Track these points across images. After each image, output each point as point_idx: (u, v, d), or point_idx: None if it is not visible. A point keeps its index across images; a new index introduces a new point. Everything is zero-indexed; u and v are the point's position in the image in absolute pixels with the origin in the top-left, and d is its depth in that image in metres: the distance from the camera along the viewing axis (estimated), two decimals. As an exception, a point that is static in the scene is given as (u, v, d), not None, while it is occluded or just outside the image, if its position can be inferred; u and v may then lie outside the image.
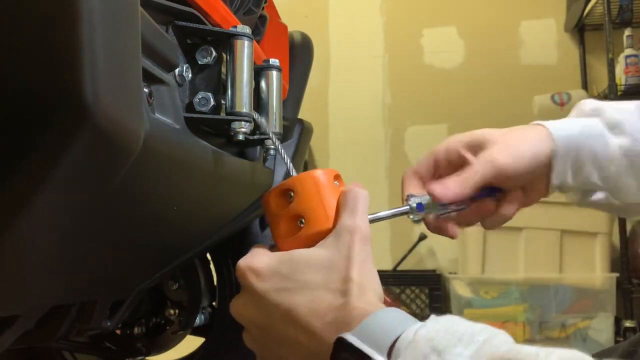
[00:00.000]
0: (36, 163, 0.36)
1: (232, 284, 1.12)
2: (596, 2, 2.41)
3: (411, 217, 0.60)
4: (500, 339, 0.36)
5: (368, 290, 0.44)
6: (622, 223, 2.26)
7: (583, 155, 0.61)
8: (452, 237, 0.63)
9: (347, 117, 2.87)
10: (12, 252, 0.43)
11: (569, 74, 2.71)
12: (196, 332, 1.16)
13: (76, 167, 0.37)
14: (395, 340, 0.38)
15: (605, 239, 2.24)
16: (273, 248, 0.51)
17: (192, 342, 1.18)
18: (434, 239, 2.65)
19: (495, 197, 0.63)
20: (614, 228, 2.28)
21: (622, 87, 2.37)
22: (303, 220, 0.49)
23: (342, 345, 0.40)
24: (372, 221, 0.51)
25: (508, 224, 0.70)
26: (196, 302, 1.10)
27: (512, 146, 0.60)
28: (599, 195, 0.65)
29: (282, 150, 0.60)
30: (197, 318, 1.10)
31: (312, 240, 0.48)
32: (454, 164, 0.62)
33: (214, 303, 1.16)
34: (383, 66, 2.89)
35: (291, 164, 0.57)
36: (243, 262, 0.48)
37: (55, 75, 0.33)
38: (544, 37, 2.76)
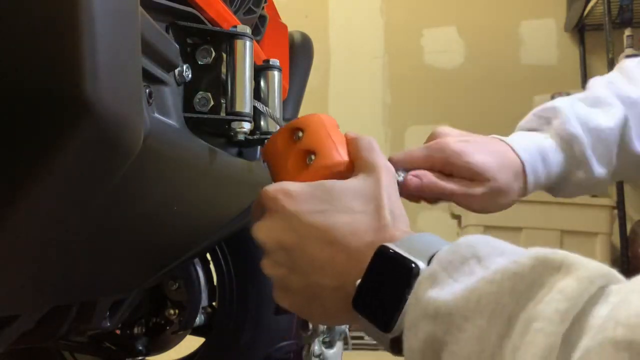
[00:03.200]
0: (37, 162, 0.36)
1: (232, 284, 1.12)
2: (596, 2, 2.41)
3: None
4: (534, 251, 0.36)
5: (401, 219, 0.45)
6: (622, 223, 2.26)
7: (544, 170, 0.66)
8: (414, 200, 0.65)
9: (347, 117, 2.86)
10: (12, 252, 0.43)
11: (569, 74, 2.71)
12: (196, 332, 1.16)
13: (76, 166, 0.37)
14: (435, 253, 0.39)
15: (605, 239, 2.24)
16: None
17: (192, 342, 1.18)
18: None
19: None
20: (614, 228, 2.28)
21: (622, 87, 2.37)
22: (313, 156, 0.50)
23: (382, 252, 0.40)
24: None
25: (508, 224, 0.72)
26: (196, 302, 1.10)
27: (465, 140, 0.63)
28: (579, 175, 0.68)
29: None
30: (197, 318, 1.10)
31: (324, 174, 0.49)
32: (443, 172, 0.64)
33: (214, 303, 1.16)
34: (383, 66, 2.89)
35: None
36: (273, 187, 0.47)
37: (56, 75, 0.33)
38: (544, 37, 2.76)
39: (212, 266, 1.16)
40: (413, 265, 0.38)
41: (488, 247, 0.37)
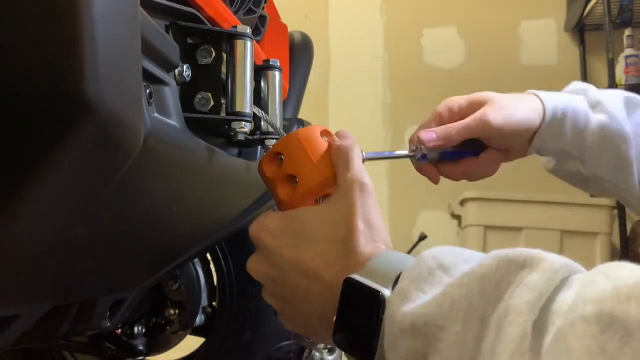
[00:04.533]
0: (37, 162, 0.36)
1: (232, 284, 1.12)
2: (596, 2, 2.41)
3: (412, 155, 0.68)
4: (497, 253, 0.37)
5: (374, 236, 0.45)
6: (622, 223, 2.26)
7: (566, 124, 0.69)
8: (433, 181, 0.72)
9: (347, 117, 2.86)
10: (13, 251, 0.43)
11: (569, 74, 2.71)
12: (196, 332, 1.16)
13: (77, 166, 0.37)
14: (400, 273, 0.40)
15: (605, 239, 2.24)
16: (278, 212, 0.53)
17: (192, 342, 1.18)
18: (434, 239, 2.65)
19: (477, 155, 0.70)
20: (614, 228, 2.28)
21: (622, 87, 2.37)
22: (297, 179, 0.50)
23: (349, 285, 0.41)
24: (371, 159, 0.56)
25: (508, 224, 0.75)
26: (196, 302, 1.10)
27: (506, 109, 0.67)
28: (571, 164, 0.73)
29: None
30: (197, 318, 1.10)
31: (310, 196, 0.49)
32: (455, 118, 0.70)
33: (214, 303, 1.16)
34: (383, 66, 2.89)
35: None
36: (255, 224, 0.49)
37: (57, 75, 0.33)
38: (544, 37, 2.76)
39: (212, 266, 1.16)
40: (379, 293, 0.39)
41: (452, 256, 0.38)
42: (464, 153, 0.69)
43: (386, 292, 0.39)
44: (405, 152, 0.69)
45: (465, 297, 0.34)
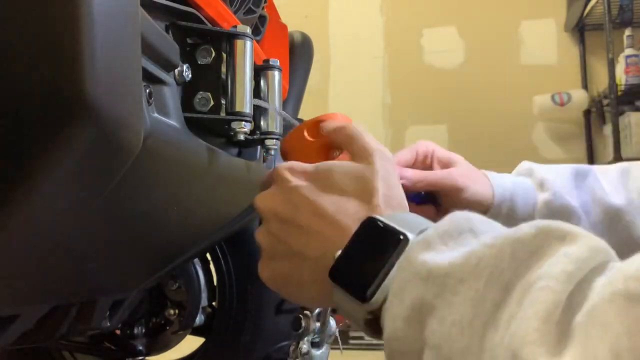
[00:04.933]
0: (37, 162, 0.36)
1: (232, 284, 1.12)
2: (596, 2, 2.41)
3: None
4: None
5: (393, 201, 0.45)
6: (622, 223, 2.25)
7: (515, 205, 0.72)
8: None
9: (347, 117, 2.86)
10: (13, 252, 0.43)
11: (569, 73, 2.71)
12: (196, 332, 1.16)
13: (76, 166, 0.37)
14: (427, 228, 0.38)
15: (605, 239, 2.23)
16: None
17: (192, 342, 1.18)
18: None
19: (435, 207, 0.72)
20: (614, 228, 2.27)
21: (622, 87, 2.37)
22: (338, 152, 0.53)
23: (369, 223, 0.40)
24: None
25: None
26: (196, 302, 1.10)
27: (468, 176, 0.71)
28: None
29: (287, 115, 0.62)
30: (197, 318, 1.10)
31: None
32: (426, 164, 0.72)
33: (214, 303, 1.16)
34: (383, 66, 2.89)
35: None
36: (283, 164, 0.49)
37: (56, 75, 0.33)
38: (544, 37, 2.76)
39: (212, 266, 1.16)
40: (402, 236, 0.37)
41: (485, 225, 0.37)
42: (427, 200, 0.71)
43: (409, 234, 0.37)
44: None
45: (495, 258, 0.32)
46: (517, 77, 2.73)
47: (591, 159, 2.65)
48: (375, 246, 0.38)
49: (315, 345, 0.79)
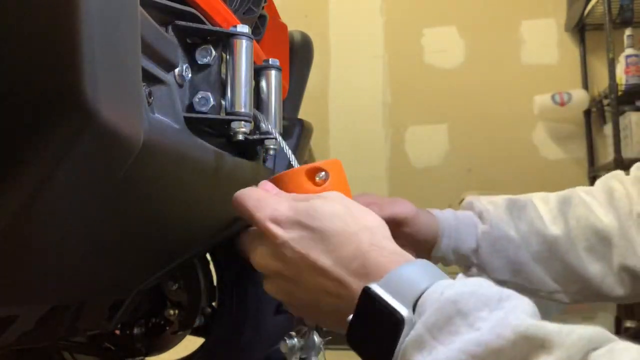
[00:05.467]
0: (36, 163, 0.35)
1: (232, 284, 1.12)
2: (597, 2, 2.41)
3: None
4: (526, 309, 0.37)
5: (378, 233, 0.46)
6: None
7: (460, 236, 0.78)
8: None
9: (347, 117, 2.86)
10: (13, 252, 0.43)
11: (569, 73, 2.71)
12: (196, 332, 1.16)
13: (76, 167, 0.37)
14: (421, 295, 0.40)
15: (605, 239, 2.23)
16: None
17: (192, 342, 1.18)
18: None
19: None
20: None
21: (623, 87, 2.37)
22: (324, 174, 0.53)
23: (368, 295, 0.41)
24: None
25: None
26: (196, 302, 1.10)
27: (418, 211, 0.77)
28: (473, 270, 0.80)
29: (283, 142, 0.61)
30: (197, 318, 1.10)
31: None
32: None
33: (213, 303, 1.16)
34: (383, 66, 2.89)
35: (293, 155, 0.58)
36: (264, 217, 0.48)
37: (55, 75, 0.33)
38: (544, 37, 2.76)
39: (212, 266, 1.16)
40: (399, 316, 0.39)
41: (472, 299, 0.38)
42: None
43: (405, 313, 0.39)
44: None
45: None
46: (518, 77, 2.73)
47: (591, 159, 2.65)
48: (378, 324, 0.41)
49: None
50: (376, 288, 0.41)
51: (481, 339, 0.35)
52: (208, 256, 1.15)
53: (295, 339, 0.61)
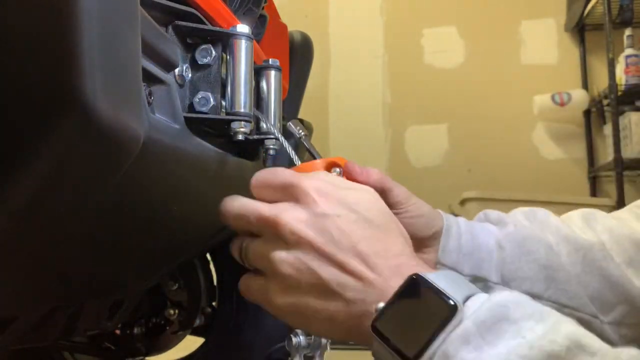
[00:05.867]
0: (36, 163, 0.35)
1: (232, 284, 1.12)
2: (596, 2, 2.41)
3: None
4: (568, 326, 0.36)
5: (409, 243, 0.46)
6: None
7: (476, 242, 0.65)
8: None
9: (347, 117, 2.86)
10: (12, 253, 0.43)
11: (569, 73, 2.71)
12: (196, 332, 1.16)
13: (75, 167, 0.37)
14: (469, 295, 0.39)
15: (605, 239, 2.23)
16: None
17: (192, 342, 1.18)
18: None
19: None
20: (614, 228, 2.27)
21: (623, 87, 2.37)
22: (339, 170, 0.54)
23: (416, 281, 0.40)
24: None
25: None
26: (196, 302, 1.10)
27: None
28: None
29: (285, 142, 0.61)
30: (197, 318, 1.10)
31: None
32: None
33: (213, 303, 1.16)
34: (383, 66, 2.89)
35: (294, 153, 0.59)
36: (307, 181, 0.45)
37: (55, 75, 0.33)
38: (544, 37, 2.76)
39: (212, 266, 1.16)
40: (451, 305, 0.38)
41: (519, 308, 0.37)
42: None
43: (458, 302, 0.38)
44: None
45: None
46: (517, 77, 2.73)
47: (591, 159, 2.65)
48: (422, 309, 0.39)
49: (307, 359, 0.79)
50: (430, 276, 0.40)
51: (533, 341, 0.35)
52: (208, 256, 1.15)
53: (301, 337, 0.60)
